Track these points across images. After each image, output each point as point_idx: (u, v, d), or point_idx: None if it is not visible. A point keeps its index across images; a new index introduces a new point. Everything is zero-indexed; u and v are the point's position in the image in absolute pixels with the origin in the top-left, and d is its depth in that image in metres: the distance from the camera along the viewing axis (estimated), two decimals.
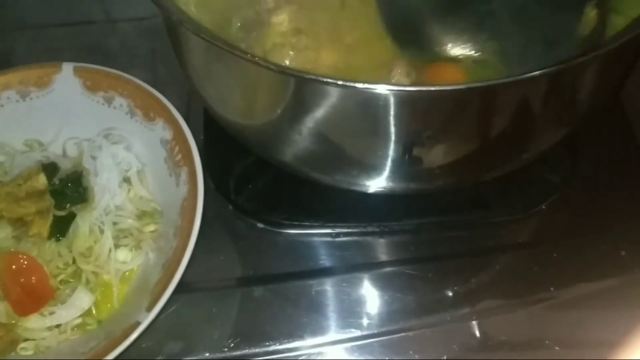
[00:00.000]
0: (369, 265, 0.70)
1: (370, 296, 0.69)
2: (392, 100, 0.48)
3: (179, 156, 0.66)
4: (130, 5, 0.94)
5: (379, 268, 0.70)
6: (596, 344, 0.64)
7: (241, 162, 0.75)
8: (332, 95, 0.50)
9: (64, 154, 0.72)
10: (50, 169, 0.66)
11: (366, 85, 0.45)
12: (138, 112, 0.70)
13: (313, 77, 0.46)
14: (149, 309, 0.57)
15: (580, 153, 0.75)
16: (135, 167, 0.69)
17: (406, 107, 0.50)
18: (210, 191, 0.73)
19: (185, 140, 0.66)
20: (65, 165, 0.69)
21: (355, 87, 0.45)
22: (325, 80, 0.46)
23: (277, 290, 0.69)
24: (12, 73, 0.72)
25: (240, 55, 0.48)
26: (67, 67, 0.72)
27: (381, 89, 0.46)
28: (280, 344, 0.66)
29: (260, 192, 0.74)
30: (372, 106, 0.49)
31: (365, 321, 0.67)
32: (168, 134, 0.68)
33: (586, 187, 0.74)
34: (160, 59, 0.86)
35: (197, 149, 0.67)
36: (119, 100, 0.71)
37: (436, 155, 0.56)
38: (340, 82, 0.45)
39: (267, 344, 0.66)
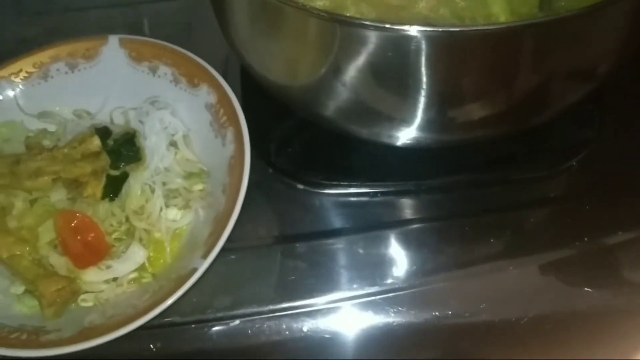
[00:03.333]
0: (406, 222, 0.73)
1: (409, 252, 0.71)
2: (423, 42, 0.51)
3: (224, 118, 0.69)
4: None
5: (416, 224, 0.73)
6: (633, 287, 0.66)
7: (279, 126, 0.78)
8: (374, 41, 0.52)
9: (112, 122, 0.75)
10: (103, 132, 0.69)
11: (399, 26, 0.48)
12: (182, 79, 0.73)
13: (357, 21, 0.49)
14: (205, 256, 0.60)
15: (609, 109, 0.77)
16: (181, 131, 0.72)
17: (435, 50, 0.52)
18: (251, 156, 0.76)
19: (230, 103, 0.69)
20: (115, 131, 0.72)
21: (390, 27, 0.48)
22: (367, 23, 0.49)
23: (317, 247, 0.71)
24: (61, 46, 0.76)
25: (288, 3, 0.50)
26: (113, 39, 0.75)
27: (412, 30, 0.49)
28: (322, 296, 0.68)
29: (299, 154, 0.77)
30: (405, 49, 0.52)
31: (407, 274, 0.69)
32: (213, 98, 0.71)
33: (616, 142, 0.76)
34: (194, 32, 0.89)
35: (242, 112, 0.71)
36: (163, 69, 0.74)
37: (465, 105, 0.58)
38: (380, 25, 0.48)
39: (309, 296, 0.68)
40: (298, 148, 0.77)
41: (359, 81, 0.57)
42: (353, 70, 0.56)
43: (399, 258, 0.70)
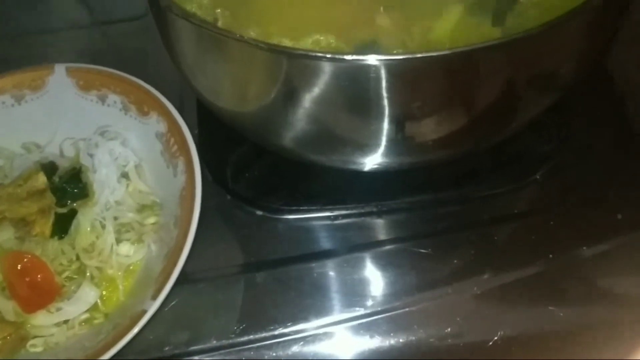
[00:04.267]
0: (368, 245, 0.71)
1: (372, 275, 0.69)
2: (381, 70, 0.49)
3: (175, 147, 0.67)
4: (116, 8, 0.95)
5: (379, 247, 0.71)
6: (598, 306, 0.65)
7: (237, 151, 0.76)
8: (323, 70, 0.50)
9: (61, 154, 0.73)
10: (49, 168, 0.67)
11: (354, 57, 0.46)
12: (132, 107, 0.71)
13: (302, 52, 0.47)
14: (154, 297, 0.58)
15: (571, 122, 0.76)
16: (132, 161, 0.70)
17: (394, 77, 0.50)
18: (208, 182, 0.74)
19: (180, 131, 0.67)
20: (63, 165, 0.70)
21: (343, 59, 0.46)
22: (314, 55, 0.47)
23: (279, 275, 0.70)
24: (6, 77, 0.73)
25: (230, 36, 0.49)
26: (60, 68, 0.73)
27: (371, 59, 0.48)
28: (286, 327, 0.66)
29: (257, 180, 0.75)
30: (361, 78, 0.50)
31: (368, 299, 0.67)
32: (163, 127, 0.69)
33: (578, 155, 0.75)
34: (150, 58, 0.87)
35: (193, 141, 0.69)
36: (112, 98, 0.72)
37: (428, 126, 0.57)
38: (329, 56, 0.46)
39: (273, 327, 0.66)
40: (256, 173, 0.75)
41: (308, 111, 0.56)
42: (306, 100, 0.55)
43: (361, 283, 0.68)
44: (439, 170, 0.72)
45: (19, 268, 0.63)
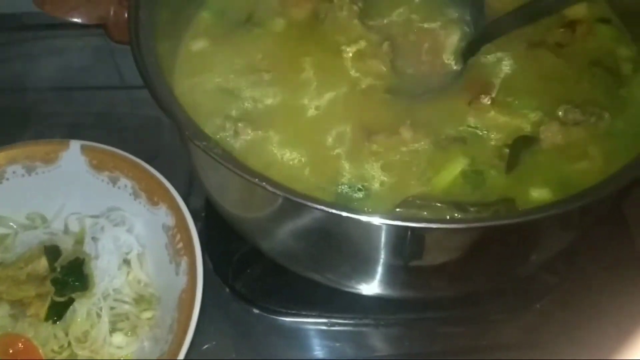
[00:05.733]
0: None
1: None
2: (382, 230, 0.49)
3: (180, 244, 0.67)
4: None
5: None
6: None
7: (241, 247, 0.75)
8: (320, 217, 0.50)
9: (66, 230, 0.72)
10: (52, 252, 0.67)
11: (356, 216, 0.46)
12: (142, 194, 0.71)
13: (302, 200, 0.47)
14: None
15: (579, 255, 0.75)
16: (136, 250, 0.70)
17: (395, 237, 0.51)
18: (209, 271, 0.73)
19: (187, 229, 0.67)
20: (66, 245, 0.69)
21: (342, 215, 0.47)
22: (315, 206, 0.47)
23: None
24: (19, 148, 0.73)
25: (242, 174, 0.49)
26: (75, 145, 0.73)
27: (375, 220, 0.48)
28: None
29: (258, 279, 0.75)
30: (359, 229, 0.51)
31: None
32: (170, 221, 0.68)
33: (582, 289, 0.74)
34: (168, 132, 0.87)
35: (198, 231, 0.68)
36: (123, 181, 0.72)
37: (426, 275, 0.57)
38: (331, 211, 0.47)
39: None
40: (257, 271, 0.75)
41: (305, 241, 0.56)
42: (301, 231, 0.55)
43: None
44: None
45: (10, 352, 0.63)
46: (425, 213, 0.56)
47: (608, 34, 0.73)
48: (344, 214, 0.48)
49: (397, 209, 0.56)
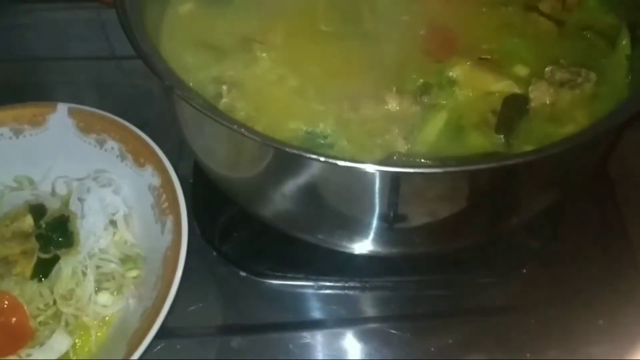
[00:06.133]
0: (348, 321, 0.71)
1: (350, 351, 0.69)
2: (376, 177, 0.49)
3: (166, 204, 0.67)
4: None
5: (359, 324, 0.71)
6: None
7: (228, 211, 0.76)
8: (312, 167, 0.50)
9: (53, 193, 0.72)
10: (37, 210, 0.67)
11: (347, 164, 0.46)
12: (129, 156, 0.71)
13: (295, 150, 0.47)
14: (126, 356, 0.58)
15: (563, 220, 0.76)
16: (122, 210, 0.70)
17: (388, 182, 0.51)
18: (196, 236, 0.74)
19: (173, 189, 0.67)
20: (53, 205, 0.69)
21: (336, 164, 0.46)
22: (307, 155, 0.47)
23: (255, 342, 0.69)
24: (7, 110, 0.73)
25: (228, 125, 0.49)
26: (62, 108, 0.73)
27: (369, 168, 0.48)
28: None
29: (245, 241, 0.75)
30: (354, 179, 0.50)
31: None
32: (156, 181, 0.69)
33: (567, 253, 0.75)
34: (157, 100, 0.87)
35: (185, 194, 0.68)
36: (110, 144, 0.72)
37: (418, 226, 0.57)
38: (322, 159, 0.46)
39: None
40: (244, 234, 0.75)
41: (295, 197, 0.56)
42: (291, 187, 0.55)
43: (340, 357, 0.68)
44: (425, 255, 0.72)
45: None
46: None
47: (595, 5, 0.74)
48: (340, 163, 0.47)
49: None
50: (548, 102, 0.64)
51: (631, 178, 0.78)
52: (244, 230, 0.75)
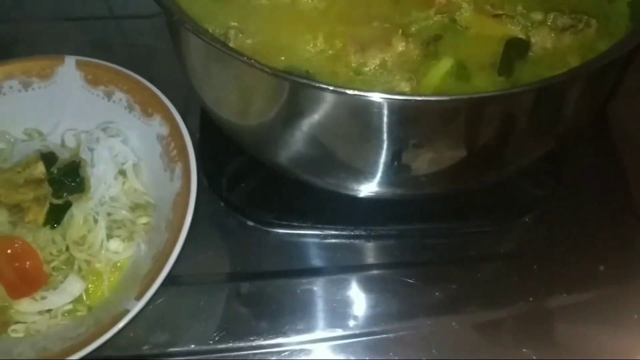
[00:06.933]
0: (354, 268, 0.72)
1: (355, 297, 0.70)
2: (384, 107, 0.50)
3: (174, 152, 0.68)
4: (133, 3, 0.96)
5: (364, 271, 0.72)
6: (571, 354, 0.66)
7: (235, 161, 0.77)
8: (325, 100, 0.51)
9: (63, 144, 0.74)
10: (48, 157, 0.68)
11: (357, 92, 0.47)
12: (136, 107, 0.72)
13: (306, 81, 0.48)
14: (138, 298, 0.59)
15: (565, 169, 0.77)
16: (131, 160, 0.71)
17: (396, 115, 0.52)
18: (203, 188, 0.74)
19: (181, 137, 0.68)
20: (63, 155, 0.70)
21: (346, 93, 0.47)
22: (317, 85, 0.48)
23: (262, 288, 0.71)
24: (15, 63, 0.74)
25: (237, 57, 0.49)
26: (70, 60, 0.74)
27: (375, 96, 0.49)
28: (264, 339, 0.67)
29: (252, 191, 0.76)
30: (363, 111, 0.51)
31: (349, 321, 0.68)
32: (164, 130, 0.70)
33: (569, 202, 0.76)
34: (162, 57, 0.87)
35: (193, 146, 0.69)
36: (118, 95, 0.73)
37: (423, 163, 0.58)
38: (332, 88, 0.47)
39: (251, 338, 0.67)
40: (251, 184, 0.77)
41: (307, 135, 0.57)
42: (303, 124, 0.55)
43: (343, 304, 0.69)
44: (429, 203, 0.73)
45: (8, 252, 0.64)
46: None
47: None
48: (349, 92, 0.48)
49: None
50: (549, 47, 0.64)
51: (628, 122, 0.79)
52: (251, 181, 0.76)
